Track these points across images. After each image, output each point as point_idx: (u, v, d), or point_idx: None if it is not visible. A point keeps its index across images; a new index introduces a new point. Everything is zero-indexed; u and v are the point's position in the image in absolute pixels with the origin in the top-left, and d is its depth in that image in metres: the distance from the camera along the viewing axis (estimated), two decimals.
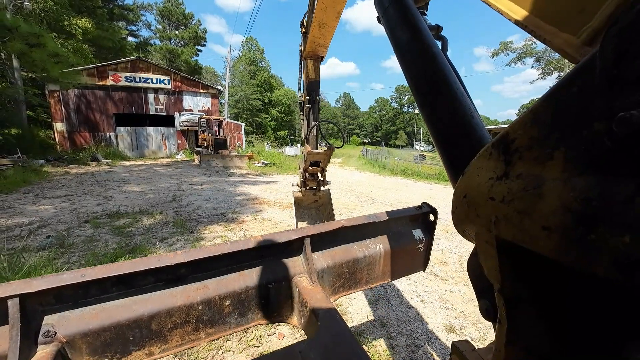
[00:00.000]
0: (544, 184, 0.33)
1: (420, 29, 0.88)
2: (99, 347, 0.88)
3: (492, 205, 0.41)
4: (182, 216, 5.95)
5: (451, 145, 0.72)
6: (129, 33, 38.65)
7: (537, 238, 0.34)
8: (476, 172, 0.46)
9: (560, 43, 0.53)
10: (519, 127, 0.38)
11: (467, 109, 0.72)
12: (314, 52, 3.15)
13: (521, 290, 0.40)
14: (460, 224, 0.52)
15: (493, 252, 0.42)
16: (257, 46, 58.97)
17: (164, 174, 13.10)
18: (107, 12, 29.34)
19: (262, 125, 57.41)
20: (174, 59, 40.14)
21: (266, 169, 17.00)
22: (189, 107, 24.42)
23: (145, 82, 22.36)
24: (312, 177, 3.63)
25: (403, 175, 17.45)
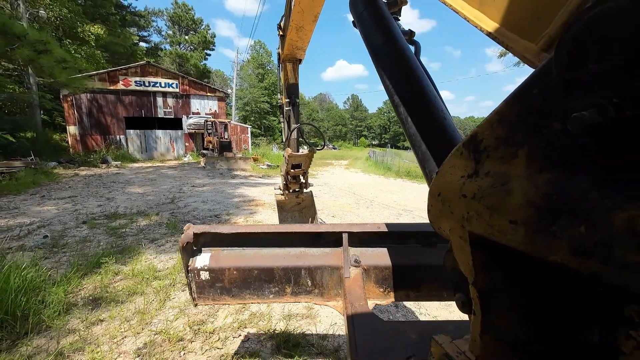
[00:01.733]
0: (510, 181, 0.35)
1: (394, 34, 0.91)
2: (380, 279, 1.35)
3: (464, 202, 0.43)
4: (177, 217, 6.05)
5: (424, 145, 0.74)
6: (141, 39, 39.73)
7: (505, 232, 0.35)
8: (449, 171, 0.47)
9: (520, 49, 0.56)
10: (486, 127, 0.40)
11: (440, 110, 0.75)
12: (292, 55, 3.16)
13: (493, 281, 0.42)
14: (436, 221, 0.54)
15: (466, 247, 0.44)
16: (265, 49, 59.57)
17: (169, 176, 13.35)
18: (119, 19, 30.24)
19: (269, 127, 57.86)
20: (184, 63, 41.00)
21: (270, 171, 17.11)
22: (196, 110, 24.85)
23: (154, 86, 22.88)
24: (294, 179, 3.63)
25: (408, 177, 17.25)
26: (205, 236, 1.40)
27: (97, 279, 3.19)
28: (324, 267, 1.36)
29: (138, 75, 22.33)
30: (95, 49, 24.40)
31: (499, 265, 0.42)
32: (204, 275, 1.36)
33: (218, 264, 1.37)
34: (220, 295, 1.39)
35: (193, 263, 1.37)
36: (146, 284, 3.15)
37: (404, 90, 0.82)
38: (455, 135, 0.71)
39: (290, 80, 3.30)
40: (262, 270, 1.37)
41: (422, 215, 7.11)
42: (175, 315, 2.59)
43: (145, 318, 2.54)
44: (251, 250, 1.42)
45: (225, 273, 1.36)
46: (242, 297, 1.40)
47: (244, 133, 27.46)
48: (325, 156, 40.49)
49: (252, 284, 1.38)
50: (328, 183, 13.42)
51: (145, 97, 22.83)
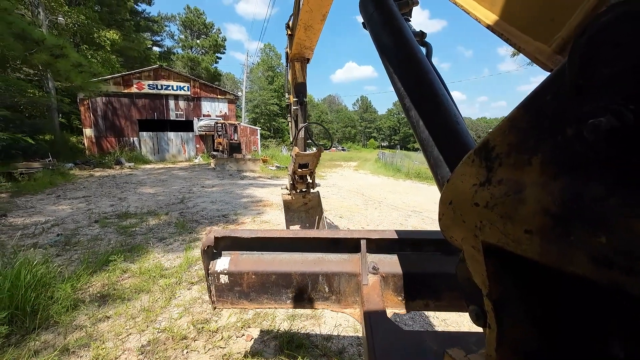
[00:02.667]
0: (524, 189, 0.34)
1: (404, 35, 0.90)
2: (399, 287, 1.32)
3: (477, 210, 0.42)
4: (186, 217, 6.12)
5: (436, 151, 0.72)
6: (154, 43, 40.79)
7: (520, 241, 0.35)
8: (460, 179, 0.46)
9: (532, 51, 0.55)
10: (498, 134, 0.39)
11: (452, 114, 0.73)
12: (300, 54, 3.15)
13: (508, 293, 0.41)
14: (448, 230, 0.53)
15: (480, 257, 0.43)
16: (274, 52, 60.14)
17: (180, 177, 13.56)
18: (133, 24, 31.12)
19: (279, 129, 58.25)
20: (195, 67, 41.80)
21: (279, 172, 17.17)
22: (207, 113, 25.24)
23: (166, 89, 23.39)
24: (301, 179, 3.60)
25: (417, 178, 17.02)
26: (225, 240, 1.41)
27: (106, 277, 3.23)
28: (341, 274, 1.34)
29: (151, 79, 22.87)
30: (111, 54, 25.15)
31: (515, 275, 0.40)
32: (223, 279, 1.37)
33: (237, 268, 1.37)
34: (239, 299, 1.39)
35: (213, 266, 1.38)
36: (153, 282, 3.17)
37: (415, 93, 0.80)
38: (469, 140, 0.69)
39: (299, 80, 3.27)
40: (280, 275, 1.36)
41: (431, 217, 6.97)
42: (180, 314, 2.59)
43: (150, 316, 2.54)
44: (269, 255, 1.42)
45: (244, 277, 1.37)
46: (260, 302, 1.39)
47: (253, 135, 27.71)
48: (334, 158, 40.41)
49: (269, 288, 1.38)
50: (337, 184, 13.37)
51: (157, 100, 23.35)
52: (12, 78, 13.71)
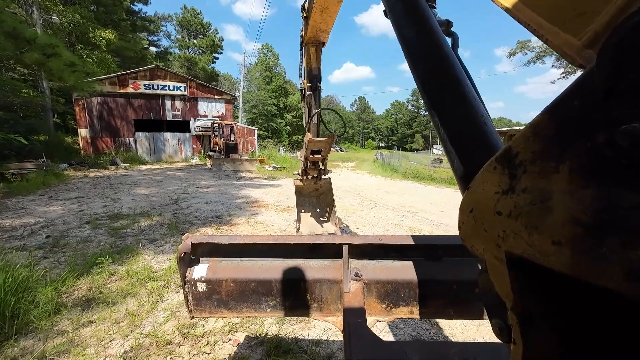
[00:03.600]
0: (551, 198, 0.33)
1: (429, 25, 0.83)
2: (382, 295, 1.28)
3: (500, 220, 0.40)
4: (179, 218, 6.04)
5: (461, 154, 0.68)
6: (150, 43, 40.59)
7: (547, 253, 0.33)
8: (481, 187, 0.45)
9: (561, 43, 0.52)
10: (521, 141, 0.37)
11: (480, 114, 0.68)
12: (315, 37, 3.06)
13: (535, 307, 0.39)
14: (468, 239, 0.51)
15: (503, 268, 0.41)
16: (272, 52, 60.09)
17: (175, 177, 13.46)
18: (130, 24, 30.93)
19: (277, 130, 58.16)
20: (192, 67, 41.63)
21: (275, 173, 17.11)
22: (203, 113, 25.12)
23: (162, 89, 23.26)
24: (313, 165, 3.60)
25: (415, 179, 17.01)
26: (203, 246, 1.36)
27: (92, 280, 3.16)
28: (323, 280, 1.29)
29: (147, 79, 22.73)
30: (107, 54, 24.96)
31: (541, 288, 0.38)
32: (201, 287, 1.32)
33: (215, 275, 1.32)
34: (217, 308, 1.34)
35: (190, 274, 1.33)
36: (140, 285, 3.10)
37: (439, 90, 0.74)
38: (497, 143, 0.64)
39: (313, 65, 3.20)
40: (260, 283, 1.32)
41: (427, 217, 6.94)
42: (166, 318, 2.52)
43: (136, 320, 2.47)
44: (249, 261, 1.37)
45: (222, 285, 1.32)
46: (239, 311, 1.35)
47: (250, 135, 27.61)
48: (332, 158, 40.42)
49: (249, 296, 1.33)
50: (334, 184, 13.31)
51: (154, 100, 23.21)
52: (6, 78, 13.56)
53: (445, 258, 1.31)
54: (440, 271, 1.29)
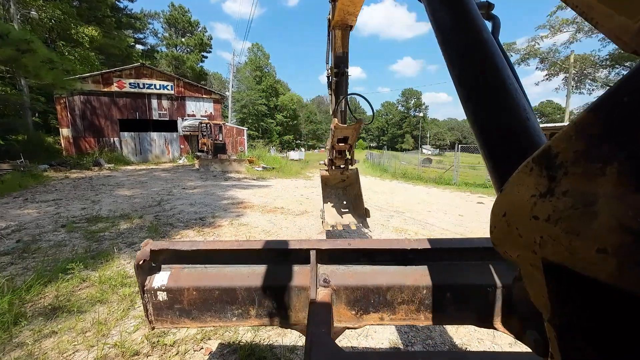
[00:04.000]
0: (596, 202, 0.30)
1: (467, 7, 0.75)
2: (352, 301, 1.21)
3: (536, 224, 0.38)
4: (160, 220, 5.86)
5: (499, 151, 0.62)
6: (136, 41, 39.62)
7: (591, 261, 0.31)
8: (516, 189, 0.42)
9: (613, 27, 0.47)
10: (562, 140, 0.35)
11: (522, 108, 0.61)
12: (342, 21, 2.96)
13: (575, 319, 0.36)
14: (501, 245, 0.48)
15: (540, 277, 0.39)
16: (262, 52, 59.69)
17: (161, 178, 13.16)
18: (115, 21, 30.14)
19: (267, 130, 57.81)
20: (180, 66, 40.90)
21: (265, 173, 16.94)
22: (191, 112, 24.72)
23: (148, 88, 22.77)
24: (340, 154, 3.45)
25: (404, 179, 17.14)
26: (164, 253, 1.29)
27: (61, 286, 3.00)
28: (290, 287, 1.24)
29: (132, 77, 22.21)
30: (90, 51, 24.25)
31: (583, 299, 0.35)
32: (161, 296, 1.25)
33: (177, 284, 1.25)
34: (180, 318, 1.27)
35: (150, 282, 1.25)
36: (112, 291, 2.96)
37: (477, 81, 0.68)
38: (541, 140, 0.59)
39: (340, 49, 3.13)
40: (224, 291, 1.25)
41: (413, 217, 6.95)
42: (136, 326, 2.40)
43: (103, 329, 2.35)
44: (214, 269, 1.30)
45: (184, 293, 1.25)
46: (203, 320, 1.28)
47: (240, 135, 27.31)
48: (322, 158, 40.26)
49: (213, 305, 1.26)
50: None
51: (139, 99, 22.70)
52: None
53: (416, 263, 1.28)
54: (410, 276, 1.25)
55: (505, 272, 1.24)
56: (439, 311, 1.24)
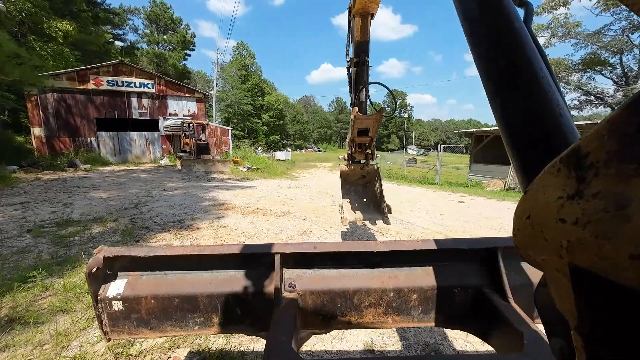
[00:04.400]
0: (630, 205, 0.29)
1: None
2: (319, 306, 1.17)
3: (563, 228, 0.36)
4: (136, 224, 5.65)
5: (527, 150, 0.58)
6: (115, 37, 38.20)
7: (622, 268, 0.29)
8: (542, 190, 0.40)
9: None
10: (593, 139, 0.33)
11: (555, 103, 0.57)
12: (364, 8, 2.92)
13: (604, 328, 0.35)
14: (525, 248, 0.46)
15: (566, 283, 0.38)
16: (248, 51, 58.95)
17: (141, 180, 12.73)
18: (91, 16, 28.95)
19: (253, 130, 57.15)
20: (162, 63, 39.77)
21: (250, 174, 16.71)
22: (174, 112, 24.08)
23: (128, 86, 22.00)
24: (360, 148, 3.32)
25: (389, 178, 17.33)
26: (120, 260, 1.23)
27: (20, 296, 2.82)
28: (254, 293, 1.20)
29: (110, 75, 21.39)
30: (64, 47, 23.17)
31: (613, 307, 0.33)
32: (117, 306, 1.20)
33: (134, 292, 1.20)
34: (137, 328, 1.22)
35: (104, 292, 1.19)
36: (77, 300, 2.81)
37: (508, 76, 0.62)
38: (575, 139, 0.55)
39: (361, 37, 3.05)
40: (184, 299, 1.20)
41: (395, 217, 7.02)
42: (99, 336, 2.28)
43: (63, 341, 2.21)
44: (174, 275, 1.25)
45: (141, 302, 1.20)
46: (162, 330, 1.23)
47: (224, 135, 26.84)
48: (309, 158, 40.25)
49: (173, 314, 1.22)
50: (308, 185, 13.21)
51: (118, 97, 21.90)
52: None
53: (383, 265, 1.26)
54: (376, 279, 1.23)
55: (470, 274, 1.25)
56: (406, 313, 1.23)
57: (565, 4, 20.38)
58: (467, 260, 1.27)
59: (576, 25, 21.58)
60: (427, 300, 1.23)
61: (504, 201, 10.00)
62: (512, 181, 13.45)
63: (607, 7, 19.92)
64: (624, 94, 20.92)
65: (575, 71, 23.82)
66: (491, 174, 15.32)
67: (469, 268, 1.26)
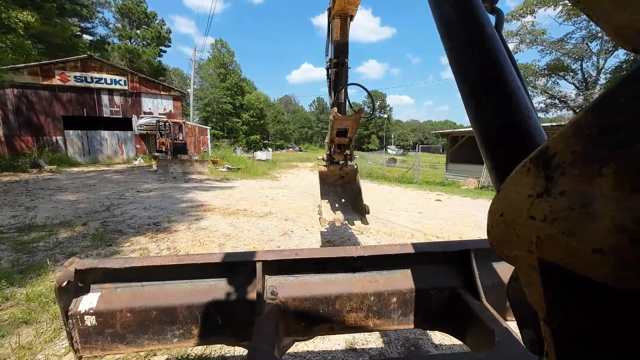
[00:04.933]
0: (593, 202, 0.31)
1: (472, 2, 0.72)
2: (301, 312, 1.18)
3: (533, 225, 0.38)
4: (108, 227, 5.37)
5: (499, 150, 0.61)
6: (83, 30, 36.04)
7: (587, 262, 0.31)
8: (513, 189, 0.42)
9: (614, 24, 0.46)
10: (560, 140, 0.35)
11: (523, 106, 0.60)
12: (343, 10, 2.93)
13: (571, 319, 0.37)
14: (498, 245, 0.48)
15: (536, 277, 0.40)
16: (227, 49, 57.70)
17: (113, 181, 12.12)
18: (56, 7, 27.16)
19: (233, 129, 56.02)
20: (135, 59, 38.01)
21: (229, 174, 16.38)
22: (148, 110, 23.15)
23: (98, 83, 20.90)
24: (339, 149, 3.36)
25: (369, 178, 17.59)
26: (93, 272, 1.18)
27: None
28: (236, 302, 1.18)
29: (78, 70, 20.22)
30: (25, 39, 21.55)
31: (578, 299, 0.36)
32: (89, 321, 1.15)
33: (108, 306, 1.16)
34: (112, 344, 1.18)
35: (75, 306, 1.13)
36: (43, 310, 2.63)
37: (480, 79, 0.66)
38: (541, 140, 0.59)
39: (340, 39, 3.08)
40: (162, 310, 1.17)
41: (376, 216, 7.14)
42: (68, 348, 2.15)
43: (27, 355, 2.06)
44: (152, 287, 1.21)
45: (116, 316, 1.15)
46: (139, 344, 1.19)
47: (203, 134, 26.12)
48: (290, 158, 40.06)
49: (150, 327, 1.18)
50: (289, 185, 13.14)
51: (87, 94, 20.74)
52: None
53: (363, 270, 1.28)
54: (357, 284, 1.24)
55: (446, 276, 1.29)
56: (386, 317, 1.26)
57: (532, 12, 21.61)
58: (443, 262, 1.31)
59: (542, 33, 22.93)
60: (406, 303, 1.25)
61: (478, 199, 10.45)
62: (485, 180, 14.08)
63: (569, 16, 21.35)
64: (584, 98, 22.49)
65: (542, 76, 25.34)
66: (466, 173, 15.95)
67: (444, 270, 1.29)
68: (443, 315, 1.26)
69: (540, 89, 25.31)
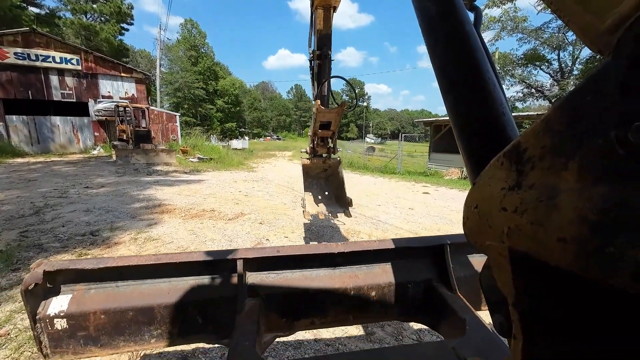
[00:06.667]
0: (559, 195, 0.32)
1: (453, 1, 0.74)
2: (282, 308, 1.21)
3: (504, 216, 0.41)
4: (27, 239, 4.16)
5: (475, 145, 0.64)
6: (27, 1, 31.68)
7: (552, 250, 0.34)
8: (488, 182, 0.44)
9: (582, 26, 0.49)
10: (530, 136, 0.37)
11: (498, 102, 0.63)
12: (326, 1, 2.90)
13: (537, 303, 0.39)
14: (473, 235, 0.51)
15: (506, 264, 0.42)
16: (198, 29, 53.87)
17: (61, 174, 10.49)
18: None
19: (207, 116, 53.09)
20: (92, 37, 34.22)
21: (200, 165, 14.97)
22: (107, 94, 20.83)
23: (45, 61, 18.34)
24: (322, 142, 3.39)
25: (351, 168, 16.89)
26: (64, 273, 1.08)
27: None
28: (216, 300, 1.12)
29: (20, 46, 17.58)
30: None
31: (544, 285, 0.38)
32: (60, 324, 1.04)
33: (81, 308, 1.04)
34: (85, 347, 1.07)
35: (44, 309, 1.02)
36: None
37: (458, 75, 0.68)
38: (514, 135, 0.60)
39: (323, 30, 3.05)
40: (139, 311, 1.06)
41: (364, 214, 6.37)
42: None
43: None
44: (127, 287, 1.11)
45: (90, 318, 1.04)
46: (114, 346, 1.09)
47: (171, 121, 24.08)
48: (268, 147, 38.46)
49: (126, 328, 1.07)
50: (266, 177, 12.10)
51: (32, 74, 18.17)
52: None
53: (343, 265, 1.26)
54: (337, 279, 1.22)
55: (422, 269, 1.28)
56: (366, 310, 1.25)
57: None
58: (420, 256, 1.32)
59: (523, 20, 22.85)
60: (384, 297, 1.24)
61: (466, 191, 10.02)
62: None
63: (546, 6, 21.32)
64: (559, 88, 22.88)
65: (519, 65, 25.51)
66: (449, 162, 15.64)
67: (421, 264, 1.29)
68: (419, 307, 1.27)
69: (518, 77, 25.53)
